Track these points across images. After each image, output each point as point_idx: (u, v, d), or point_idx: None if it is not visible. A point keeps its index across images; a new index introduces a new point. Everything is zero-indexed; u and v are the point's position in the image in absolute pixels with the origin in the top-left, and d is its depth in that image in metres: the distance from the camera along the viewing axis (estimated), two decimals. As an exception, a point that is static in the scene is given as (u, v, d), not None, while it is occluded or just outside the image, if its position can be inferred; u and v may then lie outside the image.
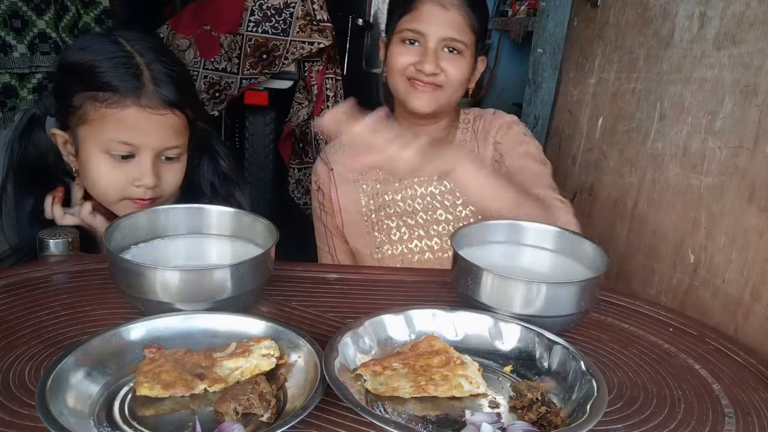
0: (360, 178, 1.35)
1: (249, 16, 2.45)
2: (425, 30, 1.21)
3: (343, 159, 1.36)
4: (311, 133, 2.70)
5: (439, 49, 1.21)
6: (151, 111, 1.01)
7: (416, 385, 0.70)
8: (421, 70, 1.21)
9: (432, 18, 1.21)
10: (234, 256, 0.95)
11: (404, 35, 1.23)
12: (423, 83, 1.22)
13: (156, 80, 1.02)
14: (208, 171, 1.20)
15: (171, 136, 1.05)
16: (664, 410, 0.73)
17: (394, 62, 1.25)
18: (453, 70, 1.22)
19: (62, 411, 0.61)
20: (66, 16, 1.74)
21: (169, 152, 1.07)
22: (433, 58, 1.20)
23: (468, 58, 1.24)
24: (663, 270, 1.35)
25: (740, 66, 1.16)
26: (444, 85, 1.23)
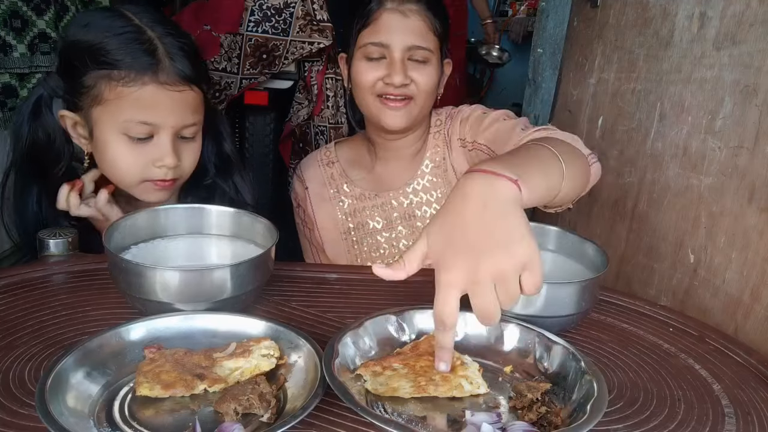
0: (336, 195, 1.32)
1: (249, 16, 2.45)
2: (388, 41, 1.15)
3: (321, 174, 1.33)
4: (311, 133, 2.70)
5: (405, 58, 1.16)
6: (171, 88, 0.97)
7: (416, 386, 0.70)
8: (390, 82, 1.15)
9: (393, 27, 1.15)
10: (234, 256, 0.95)
11: (367, 50, 1.17)
12: (394, 96, 1.17)
13: (171, 55, 0.97)
14: (212, 151, 1.16)
15: (189, 113, 1.01)
16: (664, 410, 0.73)
17: (361, 80, 1.19)
18: (423, 79, 1.17)
19: (62, 411, 0.61)
20: (66, 16, 1.73)
21: (187, 131, 1.02)
22: (401, 69, 1.15)
23: (435, 64, 1.20)
24: (663, 270, 1.35)
25: (740, 66, 1.16)
26: (415, 96, 1.18)
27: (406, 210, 1.29)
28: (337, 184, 1.33)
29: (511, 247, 0.64)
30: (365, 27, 1.18)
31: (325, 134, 2.68)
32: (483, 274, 0.64)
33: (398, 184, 1.30)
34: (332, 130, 2.68)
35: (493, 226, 0.66)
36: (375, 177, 1.33)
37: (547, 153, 0.87)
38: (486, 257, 0.64)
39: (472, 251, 0.65)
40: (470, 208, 0.68)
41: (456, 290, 0.65)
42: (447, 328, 0.68)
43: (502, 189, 0.69)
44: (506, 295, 0.64)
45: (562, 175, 0.85)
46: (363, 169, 1.34)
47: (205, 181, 1.16)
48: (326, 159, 1.36)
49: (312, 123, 2.67)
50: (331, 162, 1.35)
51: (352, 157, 1.35)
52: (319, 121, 2.67)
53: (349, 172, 1.33)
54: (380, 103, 1.19)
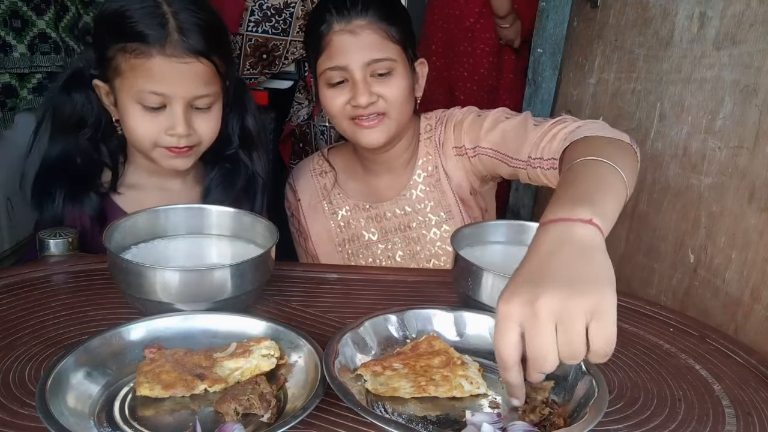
0: (329, 207, 1.30)
1: (249, 16, 2.45)
2: (344, 62, 1.12)
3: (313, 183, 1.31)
4: (311, 133, 2.70)
5: (367, 75, 1.12)
6: (177, 60, 1.01)
7: (416, 386, 0.70)
8: (357, 104, 1.12)
9: (347, 48, 1.11)
10: (234, 257, 0.95)
11: (327, 76, 1.14)
12: (366, 116, 1.14)
13: (182, 29, 1.02)
14: (237, 125, 1.20)
15: (200, 84, 1.05)
16: (664, 410, 0.73)
17: (330, 107, 1.16)
18: (390, 92, 1.13)
19: (62, 411, 0.61)
20: (66, 16, 1.73)
21: (200, 102, 1.06)
22: (364, 89, 1.11)
23: (402, 72, 1.15)
24: (663, 270, 1.35)
25: (740, 66, 1.16)
26: (387, 110, 1.14)
27: (401, 221, 1.27)
28: (331, 195, 1.31)
29: (581, 286, 0.58)
30: (320, 54, 1.15)
31: (325, 134, 2.68)
32: (542, 307, 0.57)
33: (391, 194, 1.28)
34: (332, 130, 2.68)
35: (567, 263, 0.61)
36: (369, 188, 1.31)
37: (609, 171, 0.79)
38: (549, 290, 0.58)
39: (535, 283, 0.59)
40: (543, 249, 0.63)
41: (513, 323, 0.59)
42: (507, 367, 0.61)
43: (580, 231, 0.64)
44: (566, 339, 0.57)
45: (626, 187, 0.80)
46: (356, 179, 1.31)
47: (228, 150, 1.20)
48: (319, 168, 1.34)
49: (312, 123, 2.67)
50: (324, 172, 1.33)
51: (345, 167, 1.33)
52: (319, 121, 2.67)
53: (342, 182, 1.31)
54: (354, 125, 1.16)
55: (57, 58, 1.69)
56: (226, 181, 1.20)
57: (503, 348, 0.61)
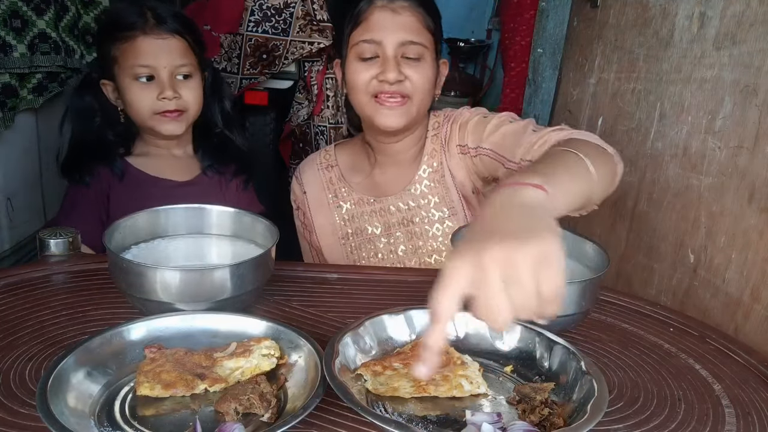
0: (334, 200, 1.31)
1: (249, 16, 2.45)
2: (380, 37, 1.13)
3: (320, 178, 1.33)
4: (311, 133, 2.70)
5: (399, 55, 1.14)
6: (155, 36, 1.28)
7: (416, 385, 0.70)
8: (385, 79, 1.13)
9: (385, 24, 1.14)
10: (234, 256, 0.96)
11: (359, 49, 1.15)
12: (389, 95, 1.15)
13: (158, 16, 1.29)
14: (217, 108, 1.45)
15: (177, 56, 1.30)
16: (664, 410, 0.73)
17: (355, 80, 1.17)
18: (417, 76, 1.15)
19: (63, 411, 0.61)
20: (66, 16, 1.73)
21: (181, 70, 1.31)
22: (394, 65, 1.13)
23: (430, 62, 1.17)
24: (663, 270, 1.35)
25: (740, 66, 1.16)
26: (411, 94, 1.16)
27: (405, 215, 1.27)
28: (336, 189, 1.32)
29: (525, 236, 0.57)
30: (357, 26, 1.16)
31: (325, 134, 2.68)
32: (488, 260, 0.55)
33: (396, 189, 1.28)
34: (332, 130, 2.68)
35: (511, 218, 0.61)
36: (374, 182, 1.31)
37: (573, 157, 0.84)
38: (494, 244, 0.56)
39: (480, 240, 0.58)
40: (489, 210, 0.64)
41: (456, 279, 0.57)
42: (437, 321, 0.59)
43: (527, 193, 0.65)
44: (515, 290, 0.56)
45: (592, 177, 0.82)
46: (362, 173, 1.33)
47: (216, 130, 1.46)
48: (325, 162, 1.35)
49: (312, 123, 2.67)
50: (330, 166, 1.34)
51: (352, 162, 1.34)
52: (319, 121, 2.67)
53: (348, 176, 1.32)
54: (376, 103, 1.16)
55: (57, 58, 1.69)
56: (217, 151, 1.45)
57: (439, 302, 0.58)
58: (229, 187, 1.44)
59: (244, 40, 2.45)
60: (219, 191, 1.41)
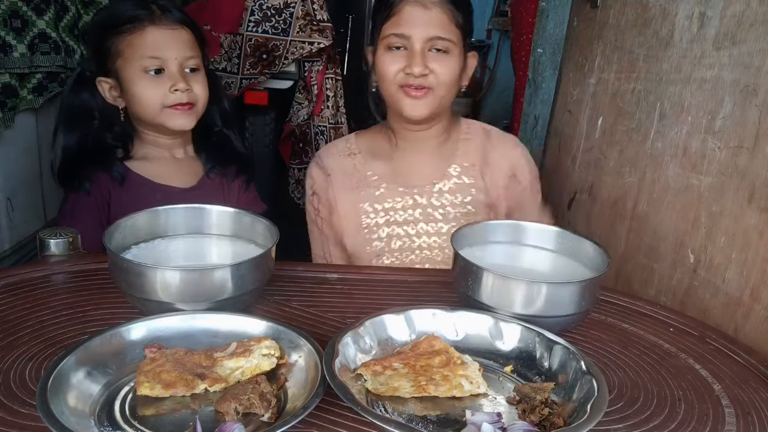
0: (359, 185, 1.33)
1: (249, 16, 2.45)
2: (409, 32, 1.19)
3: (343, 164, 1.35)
4: (311, 133, 2.70)
5: (426, 49, 1.20)
6: (165, 27, 1.25)
7: (417, 385, 0.70)
8: (410, 73, 1.19)
9: (414, 19, 1.19)
10: (234, 256, 0.96)
11: (389, 41, 1.22)
12: (414, 88, 1.20)
13: (162, 8, 1.27)
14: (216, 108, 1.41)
15: (187, 47, 1.28)
16: (664, 410, 0.73)
17: (383, 71, 1.23)
18: (442, 70, 1.20)
19: (63, 410, 0.61)
20: (66, 16, 1.73)
21: (190, 63, 1.28)
22: (420, 60, 1.19)
23: (456, 56, 1.23)
24: (663, 270, 1.35)
25: (740, 66, 1.16)
26: (435, 86, 1.21)
27: (429, 208, 1.30)
28: (360, 175, 1.34)
29: None
30: (388, 19, 1.22)
31: (325, 134, 2.68)
32: None
33: (423, 181, 1.32)
34: (332, 130, 2.68)
35: None
36: (398, 170, 1.34)
37: None
38: None
39: None
40: None
41: None
42: None
43: None
44: None
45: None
46: (384, 160, 1.35)
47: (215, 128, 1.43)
48: (347, 150, 1.37)
49: (312, 123, 2.67)
50: (353, 153, 1.36)
51: (374, 149, 1.37)
52: (319, 121, 2.67)
53: (371, 163, 1.35)
54: (402, 93, 1.22)
55: (57, 58, 1.69)
56: (217, 150, 1.42)
57: None
58: (231, 188, 1.42)
59: (244, 40, 2.45)
60: (221, 194, 1.40)
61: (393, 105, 1.26)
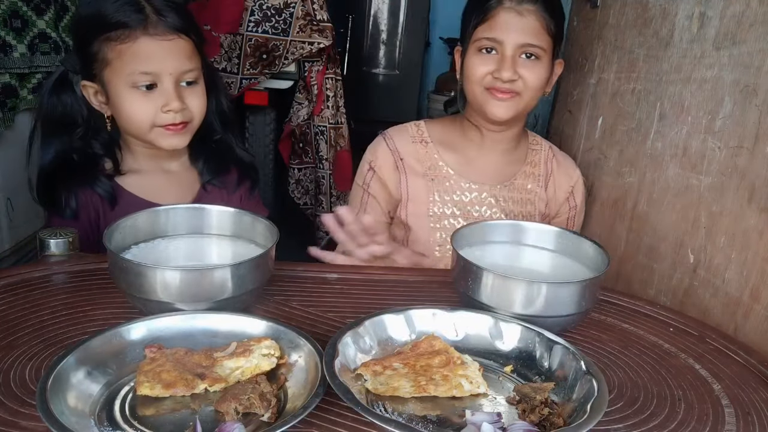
0: (429, 172, 1.34)
1: (249, 16, 2.45)
2: (502, 38, 1.21)
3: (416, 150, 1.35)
4: (311, 133, 2.70)
5: (517, 55, 1.21)
6: (160, 38, 1.09)
7: (417, 385, 0.70)
8: (499, 77, 1.20)
9: (508, 25, 1.20)
10: (234, 256, 0.96)
11: (481, 44, 1.23)
12: (501, 92, 1.22)
13: (158, 11, 1.10)
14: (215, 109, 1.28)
15: (184, 59, 1.13)
16: (664, 410, 0.73)
17: (472, 72, 1.25)
18: (531, 76, 1.22)
19: (63, 410, 0.61)
20: (66, 16, 1.73)
21: (187, 76, 1.14)
22: (510, 65, 1.20)
23: (546, 63, 1.25)
24: (663, 270, 1.35)
25: (740, 66, 1.16)
26: (522, 91, 1.23)
27: (496, 207, 1.33)
28: (432, 163, 1.34)
29: None
30: (482, 23, 1.23)
31: (325, 134, 2.68)
32: None
33: (493, 180, 1.34)
34: (332, 130, 2.68)
35: None
36: (470, 165, 1.35)
37: None
38: None
39: None
40: None
41: None
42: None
43: None
44: None
45: None
46: (456, 152, 1.36)
47: (215, 136, 1.28)
48: (419, 136, 1.37)
49: (312, 123, 2.68)
50: (424, 141, 1.36)
51: (445, 140, 1.37)
52: (319, 121, 2.67)
53: (443, 153, 1.35)
54: (488, 94, 1.24)
55: (57, 58, 1.69)
56: (216, 157, 1.29)
57: None
58: (231, 199, 1.29)
59: (244, 40, 2.46)
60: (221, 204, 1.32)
61: (477, 105, 1.27)
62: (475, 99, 1.27)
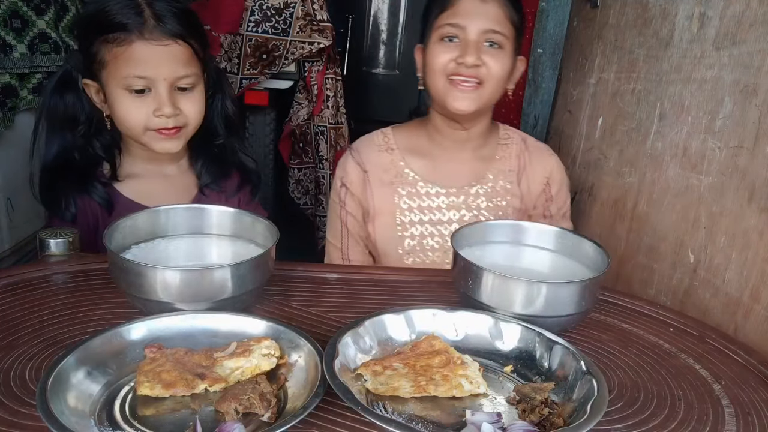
0: (395, 181, 1.32)
1: (249, 16, 2.45)
2: (465, 23, 1.19)
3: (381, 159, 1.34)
4: (311, 133, 2.70)
5: (481, 42, 1.20)
6: (155, 43, 1.09)
7: (416, 385, 0.70)
8: (463, 62, 1.18)
9: (471, 11, 1.20)
10: (234, 256, 0.96)
11: (443, 31, 1.21)
12: (465, 78, 1.20)
13: (157, 15, 1.10)
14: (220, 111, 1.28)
15: (180, 65, 1.12)
16: (664, 410, 0.73)
17: (434, 61, 1.22)
18: (495, 64, 1.20)
19: (63, 410, 0.61)
20: (66, 16, 1.73)
21: (182, 82, 1.13)
22: (474, 50, 1.18)
23: (509, 53, 1.23)
24: (663, 270, 1.35)
25: (740, 66, 1.16)
26: (485, 80, 1.20)
27: (465, 210, 1.31)
28: (397, 171, 1.33)
29: None
30: (444, 11, 1.22)
31: (325, 134, 2.68)
32: None
33: (461, 182, 1.32)
34: (332, 130, 2.68)
35: None
36: (436, 169, 1.34)
37: None
38: None
39: None
40: None
41: None
42: None
43: None
44: None
45: None
46: (422, 157, 1.34)
47: (217, 141, 1.28)
48: (384, 144, 1.36)
49: (312, 123, 2.67)
50: (390, 148, 1.35)
51: (411, 145, 1.36)
52: (319, 121, 2.67)
53: (408, 160, 1.34)
54: (450, 85, 1.21)
55: (57, 58, 1.69)
56: (216, 160, 1.28)
57: None
58: (229, 203, 1.25)
59: (244, 40, 2.45)
60: None
61: (439, 99, 1.25)
62: (437, 93, 1.24)
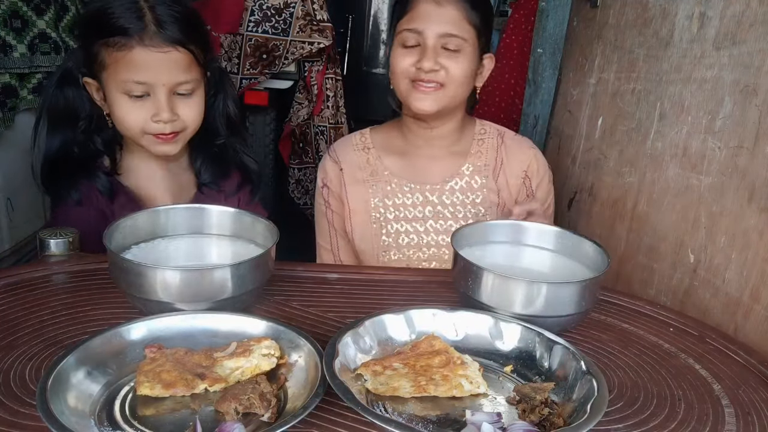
0: (370, 179, 1.34)
1: (249, 16, 2.45)
2: (421, 27, 1.21)
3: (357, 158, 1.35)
4: (311, 133, 2.70)
5: (438, 46, 1.21)
6: (155, 49, 1.09)
7: (416, 385, 0.70)
8: (421, 68, 1.20)
9: (428, 15, 1.21)
10: (234, 256, 0.96)
11: (402, 36, 1.23)
12: (425, 82, 1.22)
13: (158, 21, 1.10)
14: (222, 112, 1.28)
15: (179, 72, 1.12)
16: (664, 410, 0.73)
17: (395, 65, 1.25)
18: (454, 67, 1.21)
19: (63, 410, 0.61)
20: (66, 16, 1.73)
21: (182, 87, 1.13)
22: (432, 55, 1.20)
23: (469, 55, 1.23)
24: (663, 270, 1.35)
25: (740, 66, 1.16)
26: (446, 83, 1.22)
27: (440, 206, 1.31)
28: (373, 169, 1.35)
29: None
30: (403, 15, 1.24)
31: (325, 134, 2.68)
32: None
33: (435, 179, 1.33)
34: (332, 130, 2.69)
35: None
36: (411, 167, 1.35)
37: None
38: None
39: None
40: None
41: None
42: None
43: None
44: None
45: None
46: (398, 156, 1.36)
47: (218, 140, 1.28)
48: (361, 144, 1.38)
49: (312, 123, 2.68)
50: (367, 148, 1.37)
51: (387, 144, 1.38)
52: (319, 121, 2.67)
53: (384, 158, 1.36)
54: (412, 88, 1.24)
55: (57, 58, 1.69)
56: (217, 160, 1.28)
57: None
58: (229, 202, 1.25)
59: (244, 40, 2.46)
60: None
61: (404, 99, 1.27)
62: (401, 94, 1.27)
